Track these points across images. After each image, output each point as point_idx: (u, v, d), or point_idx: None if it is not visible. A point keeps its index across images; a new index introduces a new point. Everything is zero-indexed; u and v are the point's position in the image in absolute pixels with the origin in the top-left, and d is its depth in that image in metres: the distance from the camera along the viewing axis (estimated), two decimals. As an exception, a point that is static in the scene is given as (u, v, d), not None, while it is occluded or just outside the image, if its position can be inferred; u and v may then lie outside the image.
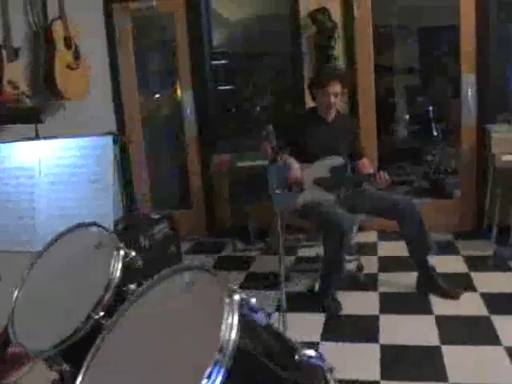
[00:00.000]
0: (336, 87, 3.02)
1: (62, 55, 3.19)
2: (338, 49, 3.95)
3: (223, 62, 4.70)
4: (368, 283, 3.27)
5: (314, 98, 3.17)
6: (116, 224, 3.09)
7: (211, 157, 4.22)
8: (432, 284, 3.06)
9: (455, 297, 2.97)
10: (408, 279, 3.18)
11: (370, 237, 4.08)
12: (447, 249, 3.72)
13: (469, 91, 3.72)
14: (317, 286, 3.13)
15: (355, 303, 3.03)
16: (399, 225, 3.08)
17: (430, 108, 5.66)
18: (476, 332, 2.61)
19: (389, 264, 3.55)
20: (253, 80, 4.84)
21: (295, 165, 3.11)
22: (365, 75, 4.01)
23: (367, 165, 3.27)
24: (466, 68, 3.73)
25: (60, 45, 3.17)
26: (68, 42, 3.25)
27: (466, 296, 2.98)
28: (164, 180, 4.67)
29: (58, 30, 3.16)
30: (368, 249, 3.86)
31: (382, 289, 3.20)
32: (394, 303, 3.00)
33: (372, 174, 3.04)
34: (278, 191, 3.19)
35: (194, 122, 4.20)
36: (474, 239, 3.85)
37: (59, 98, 3.20)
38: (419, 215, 3.01)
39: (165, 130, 4.52)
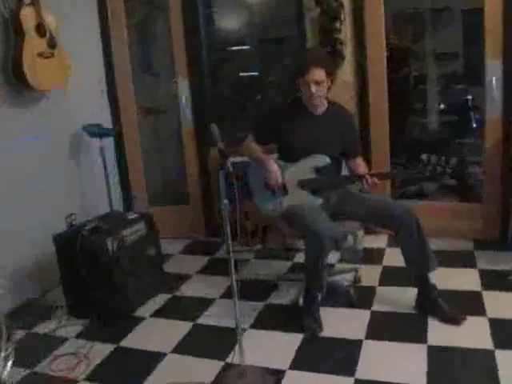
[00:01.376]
0: (317, 74, 2.61)
1: (32, 43, 2.97)
2: (346, 33, 3.54)
3: (223, 48, 4.35)
4: (361, 299, 2.89)
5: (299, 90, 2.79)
6: (83, 225, 2.90)
7: (209, 151, 3.94)
8: (432, 305, 2.64)
9: (457, 322, 2.54)
10: (409, 296, 2.76)
11: (379, 242, 3.68)
12: (463, 260, 3.27)
13: (493, 79, 3.22)
14: (300, 301, 2.80)
15: (340, 323, 2.67)
16: (396, 236, 2.70)
17: (469, 97, 5.10)
18: (473, 371, 2.20)
19: (392, 276, 3.14)
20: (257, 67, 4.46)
21: (274, 167, 2.78)
22: (376, 63, 3.57)
23: (361, 166, 2.87)
24: (490, 54, 3.23)
25: (30, 32, 2.95)
26: (41, 30, 3.04)
27: (471, 321, 2.54)
28: (162, 175, 4.42)
29: (27, 16, 2.94)
30: (373, 256, 3.47)
31: (376, 306, 2.81)
32: (384, 326, 2.61)
33: (361, 176, 2.66)
34: (260, 195, 2.91)
35: (191, 113, 3.91)
36: (498, 250, 3.37)
37: (30, 88, 3.00)
38: (419, 226, 2.60)
39: (161, 121, 4.25)
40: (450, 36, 5.02)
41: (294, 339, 2.56)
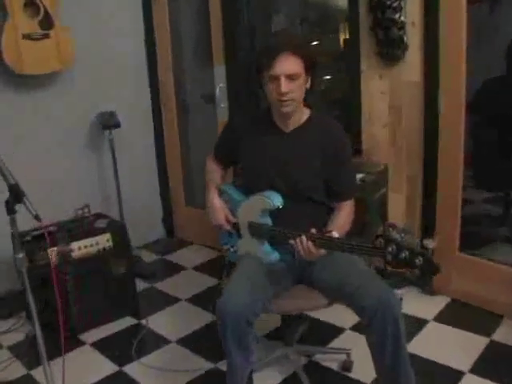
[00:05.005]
0: (288, 63, 1.78)
1: (16, 23, 2.71)
2: (409, 13, 2.49)
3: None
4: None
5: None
6: (25, 235, 2.60)
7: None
8: None
9: None
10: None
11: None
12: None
13: None
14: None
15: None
16: (365, 329, 1.78)
17: None
18: None
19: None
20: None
21: (214, 202, 2.08)
22: (452, 50, 2.45)
23: (339, 219, 1.96)
24: None
25: (15, 11, 2.70)
26: (33, 8, 2.77)
27: None
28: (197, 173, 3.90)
29: (11, -7, 2.69)
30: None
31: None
32: None
33: (295, 236, 1.78)
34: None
35: (227, 105, 3.29)
36: None
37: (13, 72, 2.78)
38: (397, 327, 1.67)
39: (200, 115, 3.69)
40: None
41: None
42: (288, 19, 3.69)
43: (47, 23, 2.81)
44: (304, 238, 1.72)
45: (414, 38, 2.53)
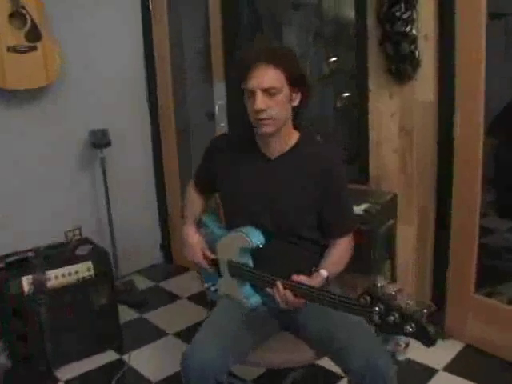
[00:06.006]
0: (264, 75, 1.53)
1: (0, 35, 2.57)
2: (423, 24, 2.24)
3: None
4: None
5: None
6: (11, 254, 2.43)
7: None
8: None
9: None
10: None
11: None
12: None
13: None
14: None
15: None
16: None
17: None
18: None
19: None
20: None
21: (192, 239, 1.85)
22: (470, 67, 2.19)
23: (331, 258, 1.69)
24: None
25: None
26: (19, 19, 2.62)
27: None
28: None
29: (-4, 3, 2.54)
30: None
31: None
32: None
33: (270, 283, 1.53)
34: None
35: (226, 123, 3.08)
36: None
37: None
38: None
39: (201, 133, 3.47)
40: None
41: None
42: (301, 32, 3.47)
43: (34, 35, 2.66)
44: (280, 285, 1.48)
45: (426, 53, 2.27)
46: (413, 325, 1.14)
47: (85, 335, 2.50)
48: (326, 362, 2.26)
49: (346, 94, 3.09)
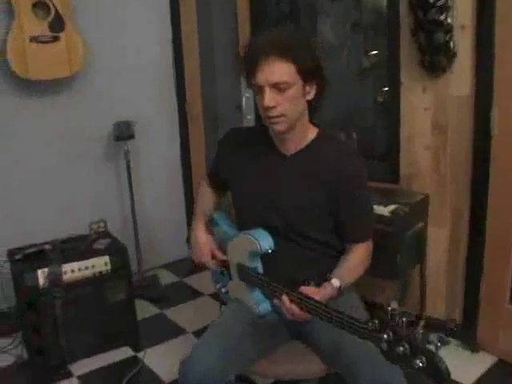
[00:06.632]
0: (272, 69, 1.40)
1: (23, 24, 2.54)
2: (459, 13, 2.06)
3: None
4: None
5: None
6: (28, 247, 2.42)
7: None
8: None
9: None
10: None
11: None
12: None
13: None
14: None
15: None
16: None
17: None
18: None
19: None
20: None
21: (201, 238, 1.75)
22: (509, 59, 2.00)
23: (347, 264, 1.55)
24: None
25: (22, 11, 2.53)
26: (43, 9, 2.59)
27: None
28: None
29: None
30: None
31: None
32: None
33: (276, 294, 1.42)
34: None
35: (253, 117, 2.98)
36: None
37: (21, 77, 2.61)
38: None
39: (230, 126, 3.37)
40: None
41: None
42: (338, 24, 3.32)
43: (58, 25, 2.63)
44: (286, 300, 1.37)
45: (463, 43, 2.10)
46: (423, 359, 1.00)
47: (100, 330, 2.46)
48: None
49: (387, 89, 2.94)
